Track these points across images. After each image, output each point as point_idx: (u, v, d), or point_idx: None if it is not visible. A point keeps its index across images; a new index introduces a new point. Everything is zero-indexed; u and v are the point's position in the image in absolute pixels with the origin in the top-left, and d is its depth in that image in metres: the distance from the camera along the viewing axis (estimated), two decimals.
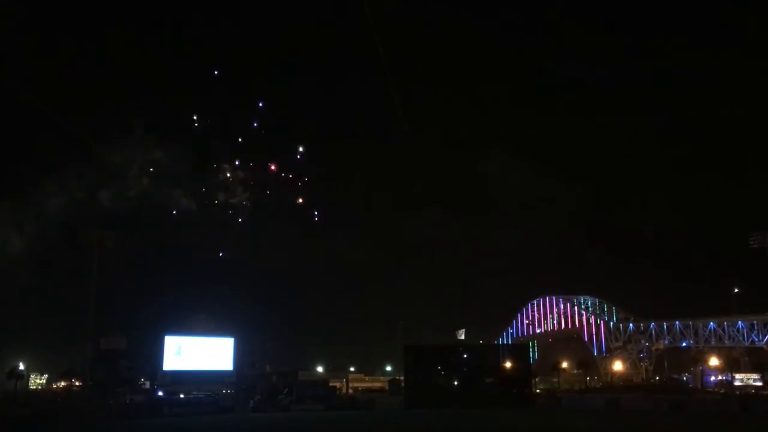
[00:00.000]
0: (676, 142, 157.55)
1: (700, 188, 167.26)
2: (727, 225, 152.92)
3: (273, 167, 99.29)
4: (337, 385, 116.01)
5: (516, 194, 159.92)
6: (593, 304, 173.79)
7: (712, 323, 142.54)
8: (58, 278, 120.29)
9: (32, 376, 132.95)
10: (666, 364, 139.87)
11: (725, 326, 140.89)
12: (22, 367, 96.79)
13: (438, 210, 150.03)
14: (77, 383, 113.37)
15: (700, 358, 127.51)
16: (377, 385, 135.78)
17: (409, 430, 55.60)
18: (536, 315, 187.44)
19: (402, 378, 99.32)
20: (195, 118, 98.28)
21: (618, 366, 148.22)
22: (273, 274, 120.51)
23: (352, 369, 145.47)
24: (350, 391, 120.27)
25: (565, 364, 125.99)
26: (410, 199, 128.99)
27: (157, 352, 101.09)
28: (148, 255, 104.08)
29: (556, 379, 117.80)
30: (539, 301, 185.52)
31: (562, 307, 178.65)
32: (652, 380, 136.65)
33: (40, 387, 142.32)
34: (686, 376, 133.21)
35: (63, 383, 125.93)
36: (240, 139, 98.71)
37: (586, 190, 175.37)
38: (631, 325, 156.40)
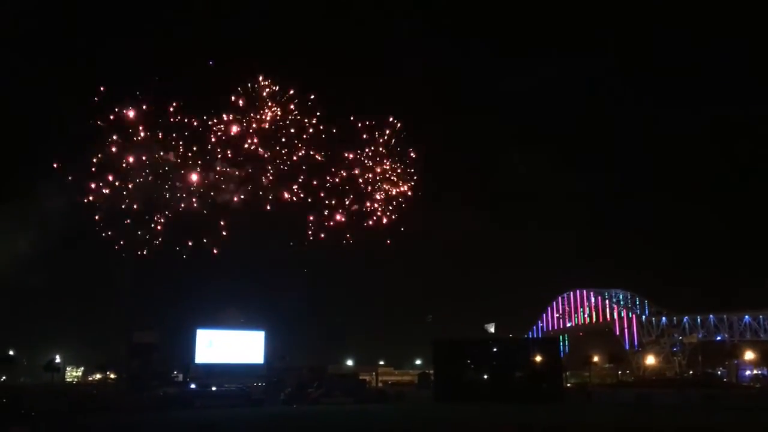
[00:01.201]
0: (713, 135, 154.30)
1: (735, 180, 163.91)
2: (762, 217, 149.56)
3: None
4: (367, 378, 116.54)
5: (547, 186, 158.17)
6: (625, 298, 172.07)
7: (747, 317, 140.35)
8: (93, 273, 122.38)
9: (68, 369, 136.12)
10: (700, 359, 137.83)
11: (761, 320, 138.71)
12: (58, 359, 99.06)
13: (467, 202, 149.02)
14: (112, 376, 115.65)
15: (734, 352, 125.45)
16: (406, 378, 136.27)
17: (437, 424, 55.63)
18: (567, 308, 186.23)
19: (431, 372, 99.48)
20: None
21: (650, 360, 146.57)
22: (303, 268, 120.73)
23: (381, 362, 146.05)
24: (379, 384, 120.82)
25: (596, 359, 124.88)
26: (440, 192, 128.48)
27: (189, 346, 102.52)
28: (181, 249, 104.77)
29: (587, 374, 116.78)
30: (570, 294, 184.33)
31: (593, 300, 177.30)
32: (685, 375, 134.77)
33: (76, 380, 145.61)
34: (720, 371, 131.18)
35: (98, 376, 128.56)
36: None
37: (620, 182, 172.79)
38: (663, 318, 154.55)
